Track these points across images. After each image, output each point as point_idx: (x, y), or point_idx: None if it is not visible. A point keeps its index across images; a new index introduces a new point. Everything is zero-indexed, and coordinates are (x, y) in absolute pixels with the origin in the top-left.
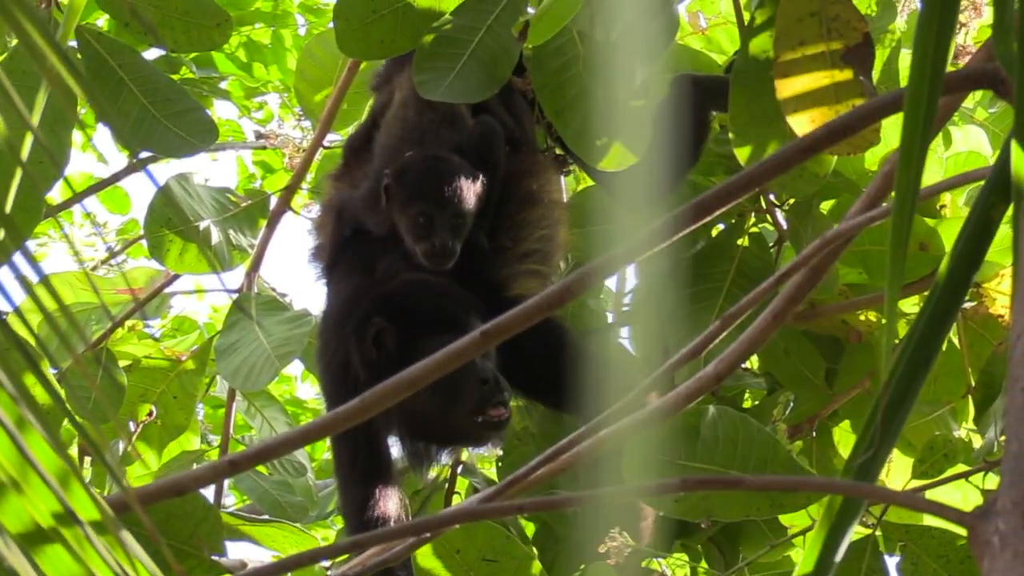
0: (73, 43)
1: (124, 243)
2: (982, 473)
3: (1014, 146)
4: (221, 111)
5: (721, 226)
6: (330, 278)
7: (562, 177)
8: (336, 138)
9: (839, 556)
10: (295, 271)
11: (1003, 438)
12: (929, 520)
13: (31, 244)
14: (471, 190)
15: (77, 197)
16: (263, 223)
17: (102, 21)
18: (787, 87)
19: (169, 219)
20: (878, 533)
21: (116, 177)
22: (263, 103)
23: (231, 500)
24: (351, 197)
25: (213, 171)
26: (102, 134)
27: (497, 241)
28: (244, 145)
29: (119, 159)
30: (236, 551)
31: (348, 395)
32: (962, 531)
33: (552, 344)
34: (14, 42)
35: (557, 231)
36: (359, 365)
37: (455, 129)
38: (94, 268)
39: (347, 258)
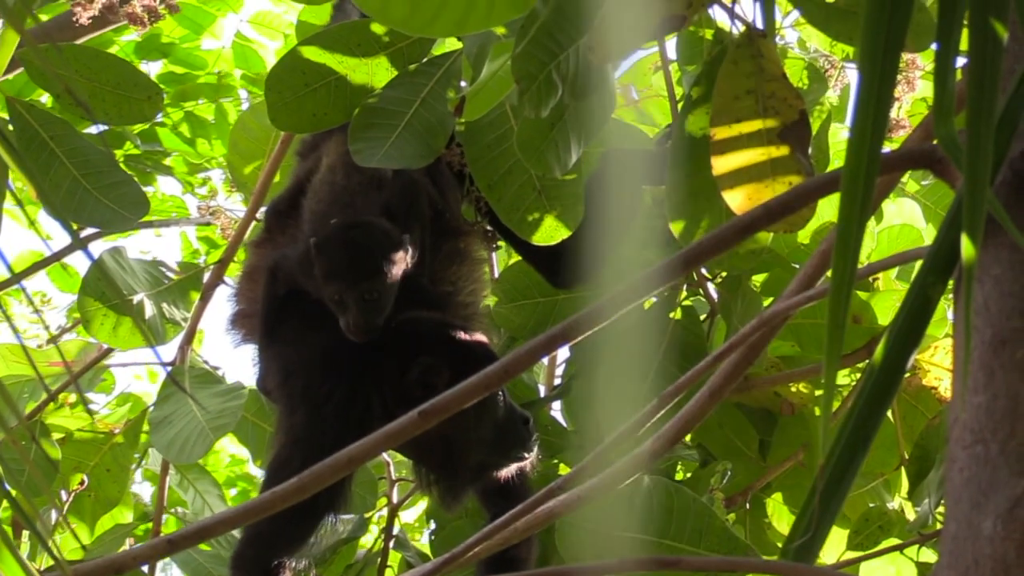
0: (4, 115)
1: (75, 321)
2: (916, 546)
3: (964, 238)
4: (165, 187)
5: (653, 299)
6: (272, 336)
7: (493, 254)
8: None
9: None
10: (229, 344)
11: (940, 510)
12: None
13: None
14: (386, 260)
15: (17, 276)
16: (196, 296)
17: (45, 98)
18: (723, 164)
19: (103, 293)
20: None
21: (58, 255)
22: (207, 179)
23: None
24: (284, 257)
25: (158, 247)
26: (47, 213)
27: (439, 287)
28: (183, 222)
29: (65, 237)
30: None
31: (347, 441)
32: None
33: None
34: None
35: (482, 287)
36: (386, 406)
37: (381, 191)
38: (39, 347)
39: (293, 316)
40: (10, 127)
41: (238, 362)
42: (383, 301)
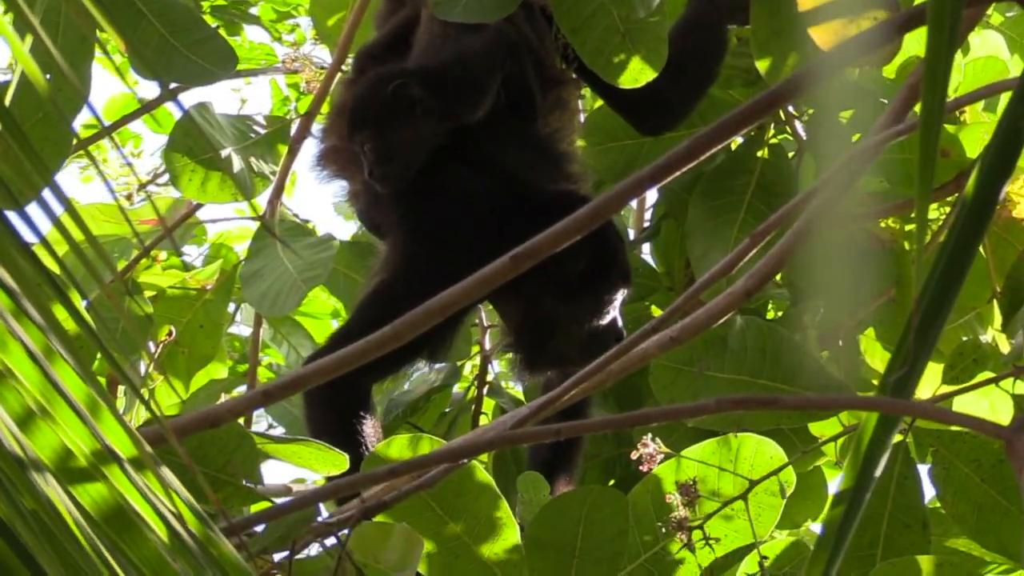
0: None
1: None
2: (1011, 378)
3: None
4: (253, 35)
5: (740, 139)
6: None
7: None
8: None
9: (877, 471)
10: (319, 197)
11: None
12: None
13: (73, 170)
14: (374, 113)
15: (108, 128)
16: (284, 149)
17: None
18: (808, 0)
19: (190, 148)
20: (909, 440)
21: (148, 107)
22: (295, 26)
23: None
24: None
25: (248, 93)
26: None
27: (549, 133)
28: (269, 71)
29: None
30: (264, 470)
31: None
32: None
33: None
34: None
35: (576, 136)
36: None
37: (473, 36)
38: (128, 196)
39: None
40: None
41: (328, 215)
42: (381, 151)
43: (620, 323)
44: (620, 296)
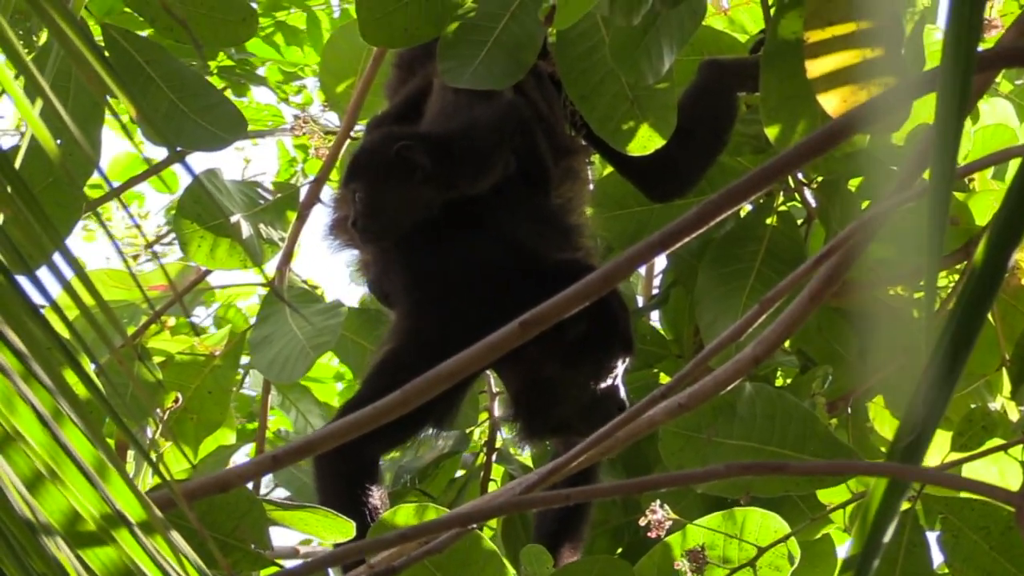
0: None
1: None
2: (1021, 446)
3: None
4: (260, 96)
5: (749, 206)
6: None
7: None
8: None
9: (886, 538)
10: (327, 264)
11: None
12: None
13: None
14: (372, 167)
15: (116, 191)
16: (292, 216)
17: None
18: (817, 67)
19: (199, 215)
20: (918, 507)
21: (156, 169)
22: (302, 87)
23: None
24: None
25: (255, 154)
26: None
27: (559, 204)
28: (277, 132)
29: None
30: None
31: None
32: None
33: None
34: (42, 40)
35: (586, 207)
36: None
37: (485, 104)
38: (136, 256)
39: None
40: (106, 53)
41: (336, 282)
42: (371, 204)
43: (623, 392)
44: (621, 363)
